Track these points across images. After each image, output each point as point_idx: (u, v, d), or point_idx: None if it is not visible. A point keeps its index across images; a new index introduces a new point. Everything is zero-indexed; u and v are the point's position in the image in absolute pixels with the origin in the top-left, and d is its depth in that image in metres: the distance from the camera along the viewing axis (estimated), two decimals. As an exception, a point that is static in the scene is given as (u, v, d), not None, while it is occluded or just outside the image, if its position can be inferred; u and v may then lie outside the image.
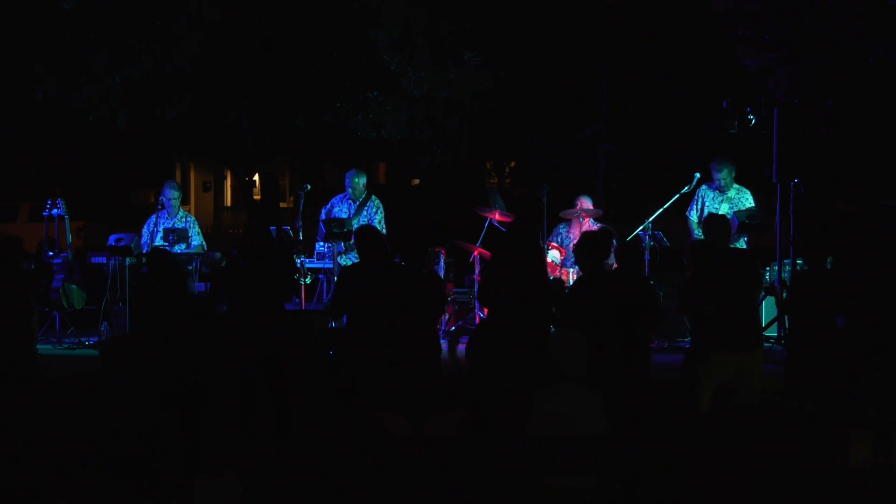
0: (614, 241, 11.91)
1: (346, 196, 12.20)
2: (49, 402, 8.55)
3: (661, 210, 11.68)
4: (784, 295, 8.79)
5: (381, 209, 12.14)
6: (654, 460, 7.17)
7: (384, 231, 11.86)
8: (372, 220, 11.91)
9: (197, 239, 12.24)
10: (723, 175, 11.54)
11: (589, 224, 12.21)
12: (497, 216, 12.31)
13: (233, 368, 8.16)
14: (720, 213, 11.23)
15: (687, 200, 11.91)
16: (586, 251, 7.87)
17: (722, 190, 11.56)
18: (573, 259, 10.60)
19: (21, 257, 8.69)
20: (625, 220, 14.50)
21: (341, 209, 12.14)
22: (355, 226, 11.78)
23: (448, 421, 8.15)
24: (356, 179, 12.15)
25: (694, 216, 11.67)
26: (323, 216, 12.23)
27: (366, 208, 12.10)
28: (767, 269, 12.14)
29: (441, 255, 12.76)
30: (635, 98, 21.64)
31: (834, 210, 13.32)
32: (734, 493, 7.13)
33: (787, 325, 10.18)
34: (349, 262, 11.64)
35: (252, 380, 8.13)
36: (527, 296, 7.67)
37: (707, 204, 11.61)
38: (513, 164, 31.03)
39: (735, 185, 11.60)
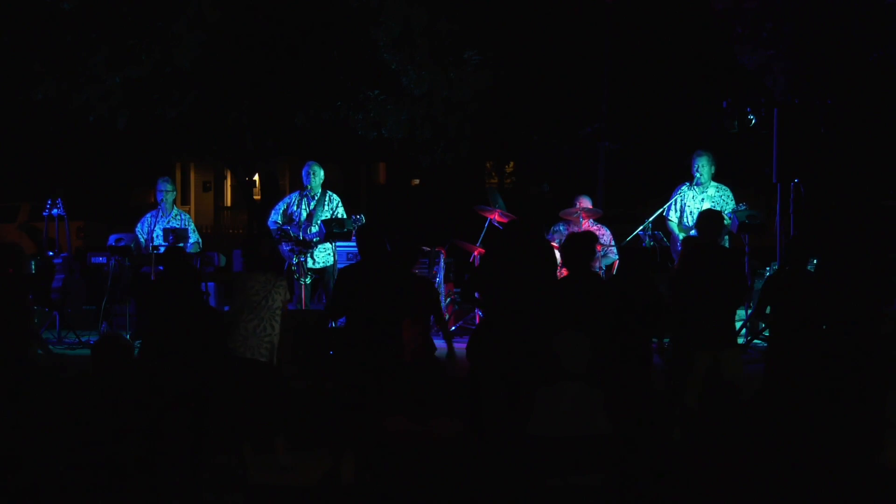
0: (603, 240, 12.00)
1: (303, 193, 12.13)
2: (49, 402, 8.55)
3: (660, 211, 11.67)
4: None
5: (341, 204, 12.11)
6: (654, 460, 7.17)
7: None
8: (336, 215, 11.93)
9: (193, 237, 12.24)
10: (700, 163, 11.38)
11: (588, 224, 12.21)
12: (497, 216, 12.31)
13: (237, 371, 8.15)
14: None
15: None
16: (569, 253, 7.91)
17: (699, 183, 11.41)
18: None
19: (20, 262, 8.68)
20: (625, 220, 14.50)
21: (300, 207, 12.10)
22: (317, 222, 11.81)
23: (449, 422, 8.15)
24: (315, 169, 12.09)
25: (673, 217, 11.58)
26: (276, 215, 12.18)
27: (325, 204, 12.07)
28: (767, 268, 12.14)
29: (441, 255, 12.77)
30: (635, 96, 21.64)
31: (830, 210, 13.33)
32: (733, 493, 7.13)
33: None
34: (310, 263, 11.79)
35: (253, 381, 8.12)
36: (525, 294, 7.68)
37: (687, 203, 11.50)
38: (512, 164, 31.04)
39: (714, 184, 11.49)
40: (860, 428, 7.56)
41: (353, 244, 11.75)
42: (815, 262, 10.10)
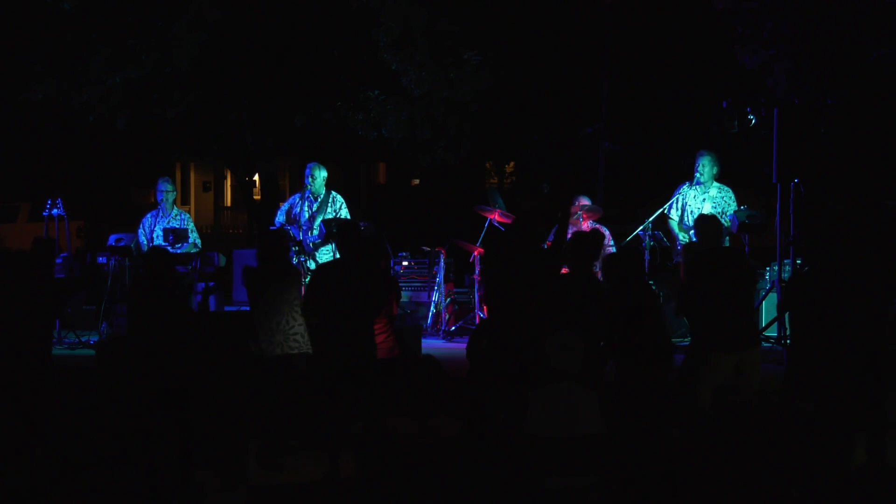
0: (607, 242, 12.01)
1: (306, 194, 12.04)
2: (49, 402, 8.56)
3: (661, 210, 11.67)
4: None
5: (345, 205, 12.04)
6: (654, 460, 7.17)
7: None
8: (339, 217, 11.88)
9: (191, 237, 12.24)
10: (702, 163, 11.37)
11: (588, 225, 12.21)
12: (497, 216, 12.31)
13: (246, 370, 8.14)
14: (705, 213, 11.16)
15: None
16: (575, 252, 7.89)
17: (699, 182, 11.40)
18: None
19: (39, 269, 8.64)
20: (625, 220, 14.50)
21: (302, 208, 12.05)
22: (318, 223, 11.82)
23: (449, 422, 8.15)
24: (317, 172, 11.98)
25: (675, 215, 11.58)
26: (281, 216, 12.13)
27: (329, 205, 12.01)
28: (767, 268, 12.14)
29: (441, 255, 12.77)
30: (636, 96, 21.65)
31: (831, 210, 13.33)
32: (734, 493, 7.13)
33: (786, 325, 10.20)
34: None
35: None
36: (526, 295, 7.67)
37: (688, 203, 11.49)
38: (512, 164, 31.05)
39: (716, 184, 11.48)
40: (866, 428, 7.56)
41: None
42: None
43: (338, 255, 11.85)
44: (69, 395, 8.93)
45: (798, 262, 11.43)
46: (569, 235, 12.06)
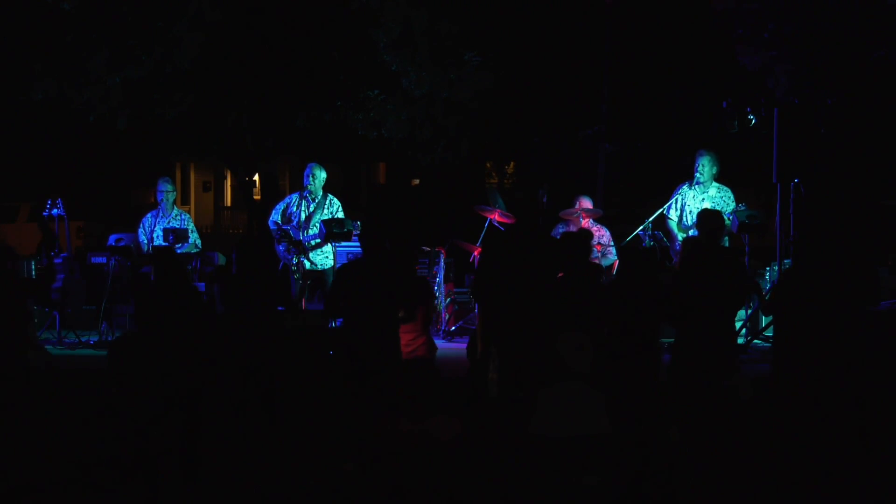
0: (603, 240, 12.02)
1: (305, 193, 12.04)
2: (49, 402, 8.56)
3: (661, 210, 11.68)
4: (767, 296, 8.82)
5: (341, 208, 12.02)
6: (655, 460, 7.17)
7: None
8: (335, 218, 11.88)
9: (191, 237, 12.25)
10: (702, 162, 11.39)
11: (588, 224, 12.22)
12: (497, 216, 12.31)
13: (227, 371, 8.12)
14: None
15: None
16: (566, 252, 7.91)
17: (699, 182, 11.41)
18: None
19: (14, 263, 8.67)
20: (625, 220, 14.51)
21: (300, 208, 12.04)
22: (315, 224, 11.80)
23: (450, 421, 8.15)
24: (317, 172, 11.97)
25: (673, 215, 11.58)
26: (276, 215, 12.13)
27: (325, 207, 12.00)
28: (767, 268, 12.15)
29: (441, 255, 12.78)
30: (636, 98, 21.64)
31: (824, 209, 13.36)
32: (734, 492, 7.14)
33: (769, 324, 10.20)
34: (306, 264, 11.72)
35: (244, 383, 8.09)
36: (524, 294, 7.67)
37: (688, 203, 11.49)
38: (512, 164, 31.05)
39: (716, 184, 11.49)
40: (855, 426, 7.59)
41: (353, 245, 11.73)
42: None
43: (333, 257, 11.99)
44: (69, 395, 8.94)
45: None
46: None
